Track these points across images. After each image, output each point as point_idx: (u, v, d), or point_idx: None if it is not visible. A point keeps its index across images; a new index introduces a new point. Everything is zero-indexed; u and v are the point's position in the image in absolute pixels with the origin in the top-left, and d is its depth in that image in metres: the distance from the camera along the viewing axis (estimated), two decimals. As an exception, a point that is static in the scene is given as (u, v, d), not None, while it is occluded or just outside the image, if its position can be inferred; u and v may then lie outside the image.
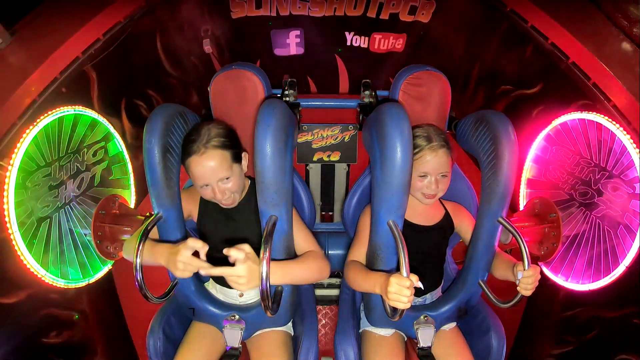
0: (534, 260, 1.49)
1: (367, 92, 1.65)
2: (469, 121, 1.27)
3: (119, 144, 1.63)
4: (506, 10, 1.65)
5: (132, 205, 1.69)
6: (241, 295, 1.28)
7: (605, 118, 1.27)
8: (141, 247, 1.01)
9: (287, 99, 1.60)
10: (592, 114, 1.32)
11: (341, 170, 1.88)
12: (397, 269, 1.00)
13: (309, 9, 2.19)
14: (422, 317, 1.23)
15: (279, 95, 1.56)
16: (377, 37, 2.32)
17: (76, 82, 1.37)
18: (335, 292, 1.93)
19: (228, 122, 1.35)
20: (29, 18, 1.34)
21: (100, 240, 1.46)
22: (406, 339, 1.33)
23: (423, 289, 0.95)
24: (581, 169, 1.39)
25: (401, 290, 0.91)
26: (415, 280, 0.92)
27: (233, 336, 1.22)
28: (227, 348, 1.22)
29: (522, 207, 1.63)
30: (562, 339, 1.55)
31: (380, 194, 1.05)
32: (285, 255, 1.12)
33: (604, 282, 1.30)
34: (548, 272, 1.51)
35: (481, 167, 1.19)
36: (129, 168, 1.70)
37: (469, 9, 1.97)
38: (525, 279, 1.04)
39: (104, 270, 1.56)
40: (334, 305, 1.98)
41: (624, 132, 1.21)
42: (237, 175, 1.15)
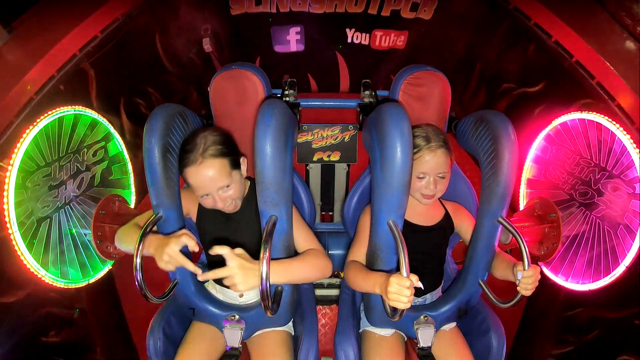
0: (534, 260, 1.49)
1: (367, 92, 1.64)
2: (469, 121, 1.27)
3: (119, 144, 1.63)
4: (509, 7, 1.63)
5: (132, 205, 1.69)
6: (241, 295, 1.28)
7: (605, 118, 1.27)
8: (141, 247, 1.01)
9: (287, 99, 1.60)
10: (592, 113, 1.32)
11: (341, 170, 1.87)
12: (397, 269, 1.00)
13: (309, 5, 2.17)
14: (422, 317, 1.23)
15: (279, 95, 1.56)
16: (378, 34, 2.30)
17: (74, 80, 1.36)
18: (335, 292, 1.93)
19: (228, 122, 1.36)
20: (26, 15, 1.33)
21: (100, 240, 1.46)
22: (406, 339, 1.33)
23: (423, 289, 0.95)
24: (581, 169, 1.39)
25: (401, 290, 0.91)
26: (415, 280, 0.92)
27: (233, 336, 1.22)
28: (227, 348, 1.22)
29: (522, 207, 1.63)
30: (563, 339, 1.55)
31: (380, 194, 1.05)
32: (285, 255, 1.12)
33: (604, 282, 1.30)
34: (548, 272, 1.51)
35: (481, 167, 1.18)
36: (129, 168, 1.70)
37: (472, 5, 1.96)
38: (525, 279, 1.04)
39: (104, 270, 1.56)
40: (334, 305, 1.98)
41: (624, 132, 1.21)
42: (237, 182, 1.14)
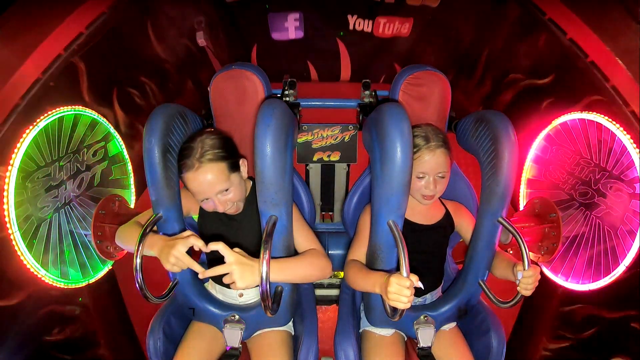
0: (534, 260, 1.49)
1: (367, 92, 1.65)
2: (469, 121, 1.27)
3: (119, 143, 1.63)
4: None
5: (132, 206, 1.69)
6: (241, 295, 1.28)
7: (605, 118, 1.27)
8: (141, 248, 1.01)
9: (287, 99, 1.60)
10: (592, 114, 1.32)
11: (341, 170, 1.88)
12: (397, 268, 1.00)
13: (308, -10, 2.06)
14: (422, 317, 1.23)
15: (279, 95, 1.56)
16: (382, 21, 2.18)
17: (64, 75, 1.32)
18: (335, 292, 1.93)
19: (228, 122, 1.36)
20: (5, 16, 1.26)
21: (100, 240, 1.46)
22: (406, 339, 1.33)
23: (423, 288, 0.95)
24: (581, 169, 1.39)
25: (401, 290, 0.91)
26: (415, 280, 0.91)
27: (233, 336, 1.22)
28: (227, 348, 1.22)
29: (522, 207, 1.63)
30: (559, 335, 1.55)
31: (380, 193, 1.05)
32: (285, 255, 1.12)
33: (603, 282, 1.30)
34: (548, 272, 1.51)
35: (481, 167, 1.18)
36: (129, 168, 1.70)
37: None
38: (525, 279, 1.04)
39: (104, 270, 1.56)
40: (333, 305, 1.98)
41: (624, 132, 1.21)
42: (237, 185, 1.14)
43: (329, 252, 1.64)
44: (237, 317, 1.22)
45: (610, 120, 1.25)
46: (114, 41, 1.51)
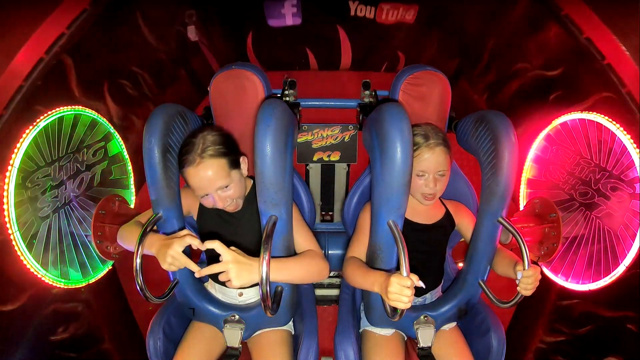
0: (534, 260, 1.49)
1: (367, 92, 1.65)
2: (469, 121, 1.27)
3: (119, 143, 1.63)
4: None
5: (132, 206, 1.69)
6: (240, 294, 1.28)
7: (605, 118, 1.27)
8: (140, 248, 1.01)
9: (287, 99, 1.60)
10: (592, 114, 1.32)
11: (341, 170, 1.88)
12: (397, 268, 1.00)
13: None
14: (422, 317, 1.23)
15: (279, 95, 1.56)
16: (385, 7, 2.07)
17: (51, 73, 1.26)
18: (335, 292, 1.93)
19: (228, 122, 1.36)
20: None
21: (100, 240, 1.46)
22: (406, 339, 1.33)
23: (425, 287, 0.95)
24: (581, 169, 1.39)
25: (402, 290, 0.91)
26: (415, 280, 0.91)
27: (233, 336, 1.22)
28: (227, 348, 1.22)
29: (522, 207, 1.63)
30: (555, 328, 1.55)
31: (380, 193, 1.05)
32: (285, 255, 1.12)
33: (603, 282, 1.30)
34: (548, 272, 1.51)
35: (481, 167, 1.19)
36: (129, 168, 1.70)
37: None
38: (525, 279, 1.04)
39: (104, 270, 1.56)
40: (334, 305, 1.98)
41: (625, 132, 1.21)
42: (237, 182, 1.14)
43: (329, 252, 1.64)
44: (237, 317, 1.23)
45: (611, 120, 1.25)
46: (100, 34, 1.45)
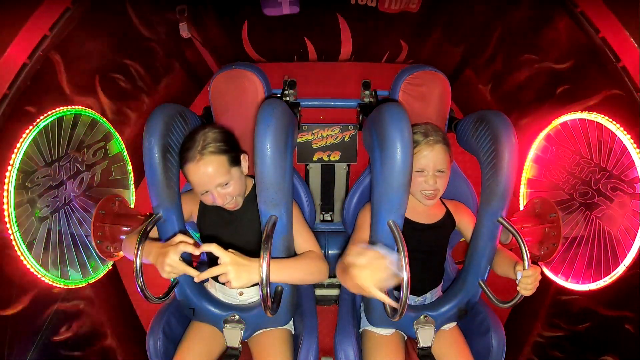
0: (534, 260, 1.49)
1: (367, 92, 1.65)
2: (469, 121, 1.27)
3: (119, 143, 1.63)
4: None
5: (132, 205, 1.69)
6: (241, 293, 1.28)
7: (605, 118, 1.27)
8: (140, 248, 1.01)
9: (287, 98, 1.60)
10: (592, 114, 1.32)
11: (341, 170, 1.88)
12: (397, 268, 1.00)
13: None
14: (422, 317, 1.23)
15: (279, 95, 1.56)
16: None
17: (40, 73, 1.21)
18: (335, 292, 1.94)
19: (228, 122, 1.36)
20: None
21: (100, 240, 1.46)
22: (406, 339, 1.33)
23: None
24: (581, 169, 1.38)
25: (357, 259, 0.88)
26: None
27: (233, 336, 1.22)
28: (227, 348, 1.22)
29: (522, 207, 1.63)
30: (553, 323, 1.54)
31: (380, 193, 1.05)
32: (285, 256, 1.12)
33: (604, 282, 1.30)
34: (548, 272, 1.51)
35: (481, 167, 1.19)
36: (129, 168, 1.70)
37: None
38: (525, 279, 1.04)
39: (105, 270, 1.56)
40: (334, 305, 1.98)
41: (625, 132, 1.21)
42: (237, 179, 1.14)
43: (329, 252, 1.64)
44: (237, 317, 1.23)
45: (611, 120, 1.25)
46: (88, 29, 1.39)
